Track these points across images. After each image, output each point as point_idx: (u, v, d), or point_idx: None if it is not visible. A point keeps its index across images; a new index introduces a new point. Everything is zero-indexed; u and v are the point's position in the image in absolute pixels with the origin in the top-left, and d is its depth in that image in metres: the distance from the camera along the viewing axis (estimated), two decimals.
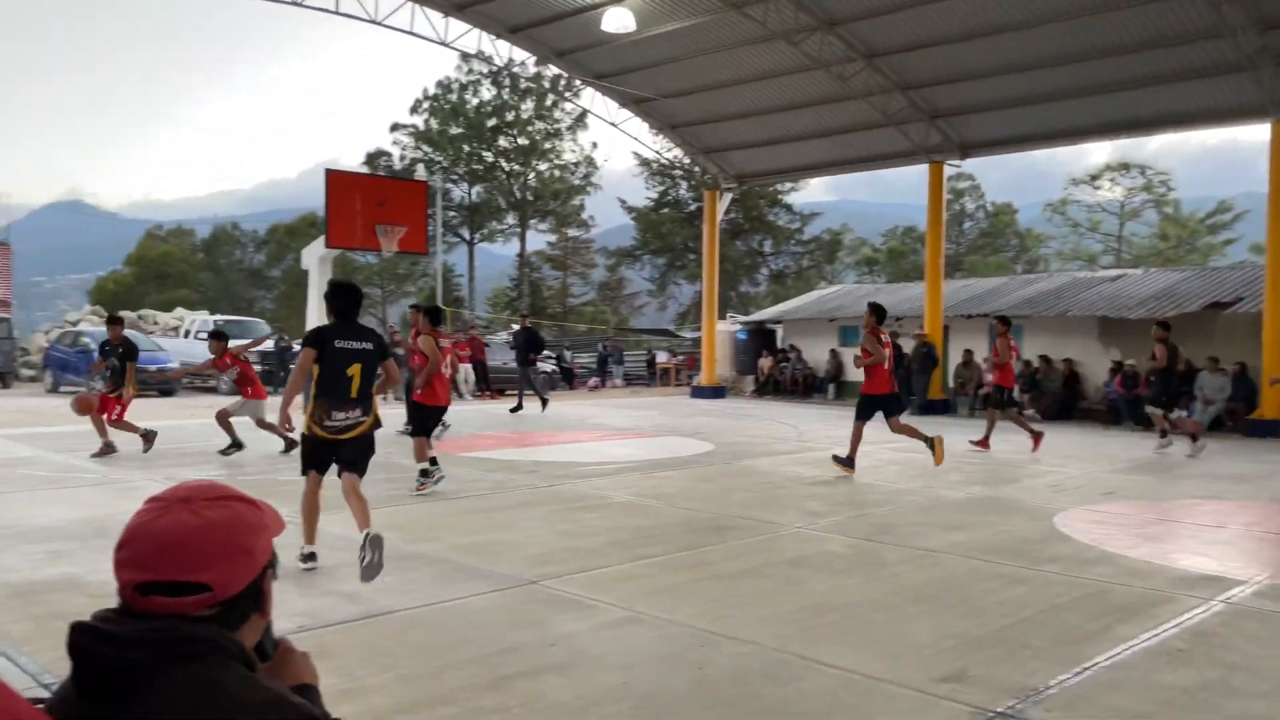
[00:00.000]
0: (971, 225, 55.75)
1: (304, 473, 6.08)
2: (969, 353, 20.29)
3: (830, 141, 22.15)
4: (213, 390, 23.10)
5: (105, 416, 11.26)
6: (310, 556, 5.99)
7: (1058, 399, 18.75)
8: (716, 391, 24.47)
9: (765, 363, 25.34)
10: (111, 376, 11.44)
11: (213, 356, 11.89)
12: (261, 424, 11.46)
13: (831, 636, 4.71)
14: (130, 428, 11.33)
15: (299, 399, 6.29)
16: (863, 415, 10.57)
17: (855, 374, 23.46)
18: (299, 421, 6.32)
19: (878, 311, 10.54)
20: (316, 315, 17.70)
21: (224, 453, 11.16)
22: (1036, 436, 12.48)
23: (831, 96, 20.24)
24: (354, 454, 6.05)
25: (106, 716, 1.23)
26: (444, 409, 9.73)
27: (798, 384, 24.47)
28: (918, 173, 21.66)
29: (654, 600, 5.29)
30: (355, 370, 5.99)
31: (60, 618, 4.70)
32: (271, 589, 1.45)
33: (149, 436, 11.31)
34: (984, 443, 12.90)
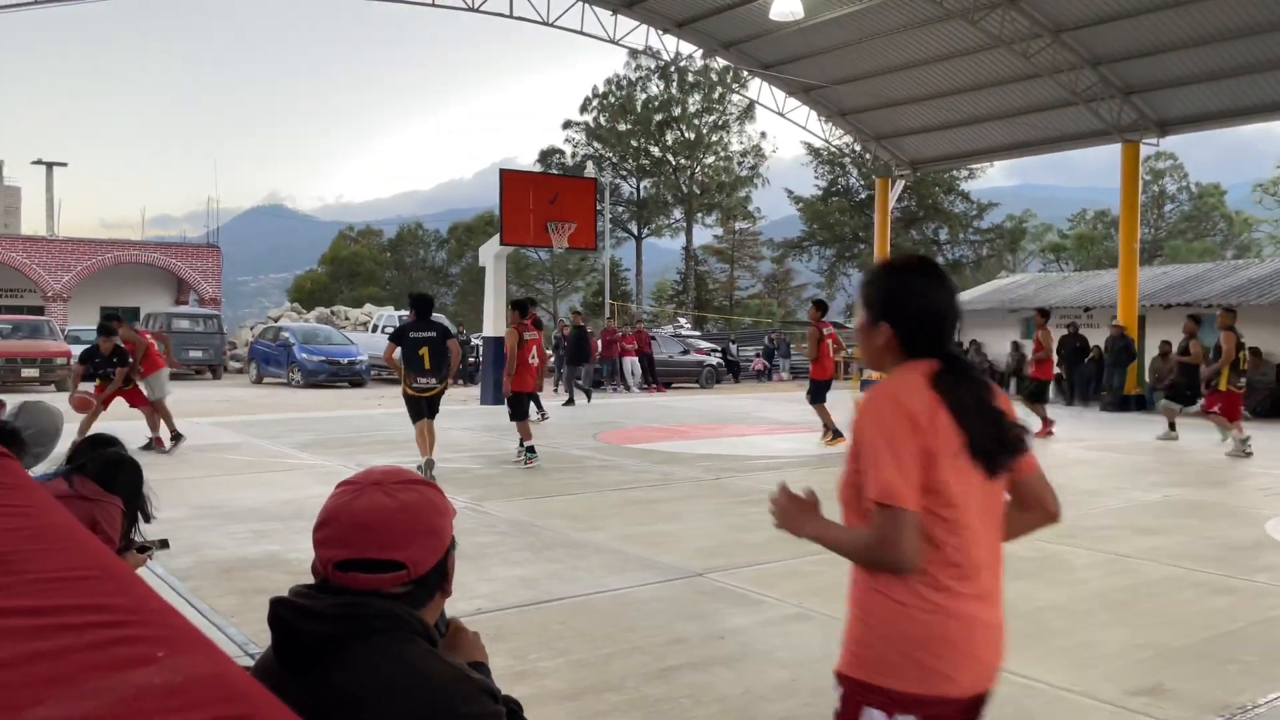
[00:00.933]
0: (1173, 208, 51.94)
1: (414, 421, 9.10)
2: (1167, 344, 18.90)
3: (1011, 123, 21.14)
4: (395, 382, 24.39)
5: (144, 407, 10.82)
6: (429, 464, 8.81)
7: (1271, 394, 17.24)
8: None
9: None
10: (101, 378, 10.61)
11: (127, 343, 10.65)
12: (158, 409, 10.79)
13: (1013, 643, 4.45)
14: (93, 418, 10.22)
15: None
16: (820, 399, 12.31)
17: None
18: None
19: (820, 306, 12.76)
20: (494, 310, 18.41)
21: (171, 448, 10.58)
22: (1045, 427, 13.27)
23: (1013, 75, 19.30)
24: (433, 406, 9.09)
25: (303, 685, 1.31)
26: (530, 395, 10.63)
27: None
28: (1109, 153, 20.37)
29: (823, 597, 5.19)
30: (424, 351, 8.92)
31: (263, 592, 5.07)
32: (453, 570, 1.52)
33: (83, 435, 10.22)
34: (1046, 426, 13.26)
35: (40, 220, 35.43)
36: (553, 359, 23.04)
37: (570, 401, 18.49)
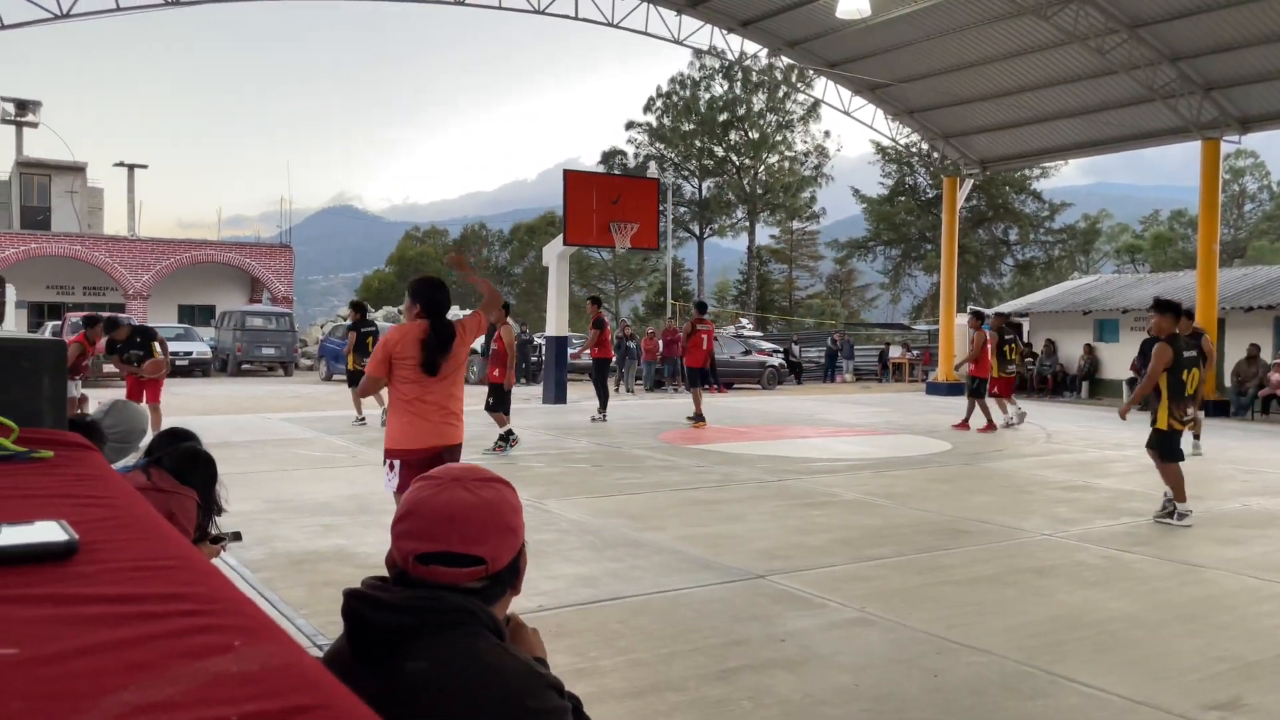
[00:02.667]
0: (1254, 207, 50.21)
1: (353, 387, 12.93)
2: (1255, 347, 18.20)
3: (1085, 120, 20.62)
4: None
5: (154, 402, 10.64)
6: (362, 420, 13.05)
7: None
8: (954, 388, 23.41)
9: None
10: (139, 365, 10.71)
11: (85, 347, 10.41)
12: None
13: (1081, 652, 4.39)
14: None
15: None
16: (695, 383, 14.72)
17: (1113, 372, 21.87)
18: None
19: (701, 307, 15.42)
20: (556, 309, 18.53)
21: None
22: (963, 424, 14.28)
23: (1088, 72, 18.83)
24: None
25: (374, 676, 1.34)
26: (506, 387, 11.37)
27: (1046, 381, 22.99)
28: (1187, 151, 19.75)
29: (886, 602, 5.14)
30: (370, 340, 12.84)
31: (331, 585, 5.18)
32: (525, 568, 1.54)
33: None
34: (964, 424, 14.21)
35: (122, 220, 36.64)
36: (614, 359, 23.14)
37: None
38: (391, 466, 4.58)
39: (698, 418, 14.15)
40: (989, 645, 4.44)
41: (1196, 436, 12.18)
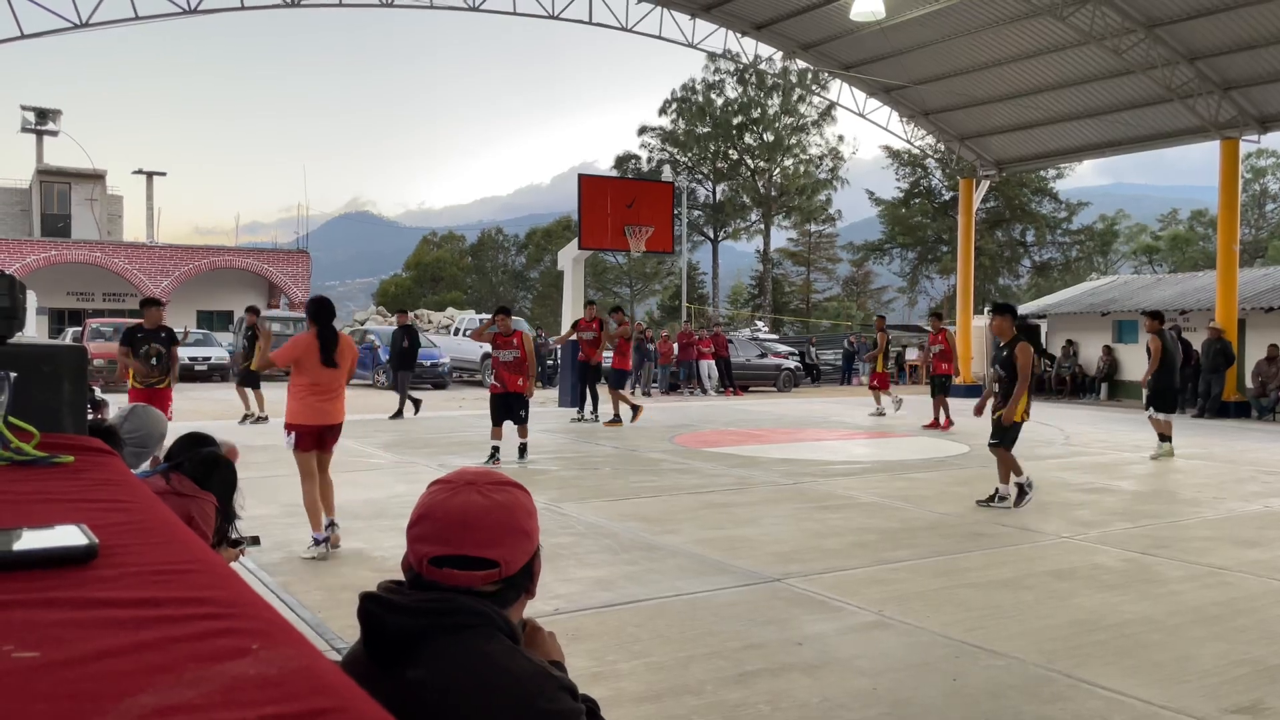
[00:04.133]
0: (1275, 207, 49.76)
1: (253, 386, 14.51)
2: (1275, 348, 18.02)
3: (1102, 121, 20.50)
4: (476, 384, 24.73)
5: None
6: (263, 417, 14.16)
7: None
8: (972, 390, 23.28)
9: None
10: (158, 364, 9.77)
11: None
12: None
13: (1101, 656, 4.35)
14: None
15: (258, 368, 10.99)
16: (619, 385, 15.23)
17: (1132, 373, 21.70)
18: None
19: (618, 310, 16.13)
20: (571, 313, 18.55)
21: None
22: (947, 422, 14.53)
23: (1105, 72, 18.73)
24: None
25: (390, 678, 1.34)
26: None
27: (1065, 383, 22.84)
28: (1205, 151, 19.60)
29: (904, 606, 5.11)
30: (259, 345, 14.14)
31: (348, 589, 5.20)
32: (539, 572, 1.54)
33: None
34: (940, 423, 14.52)
35: (141, 227, 36.96)
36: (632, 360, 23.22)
37: (399, 413, 15.35)
38: (291, 434, 6.37)
39: (616, 419, 14.59)
40: (1008, 649, 4.41)
41: (1168, 439, 11.64)
